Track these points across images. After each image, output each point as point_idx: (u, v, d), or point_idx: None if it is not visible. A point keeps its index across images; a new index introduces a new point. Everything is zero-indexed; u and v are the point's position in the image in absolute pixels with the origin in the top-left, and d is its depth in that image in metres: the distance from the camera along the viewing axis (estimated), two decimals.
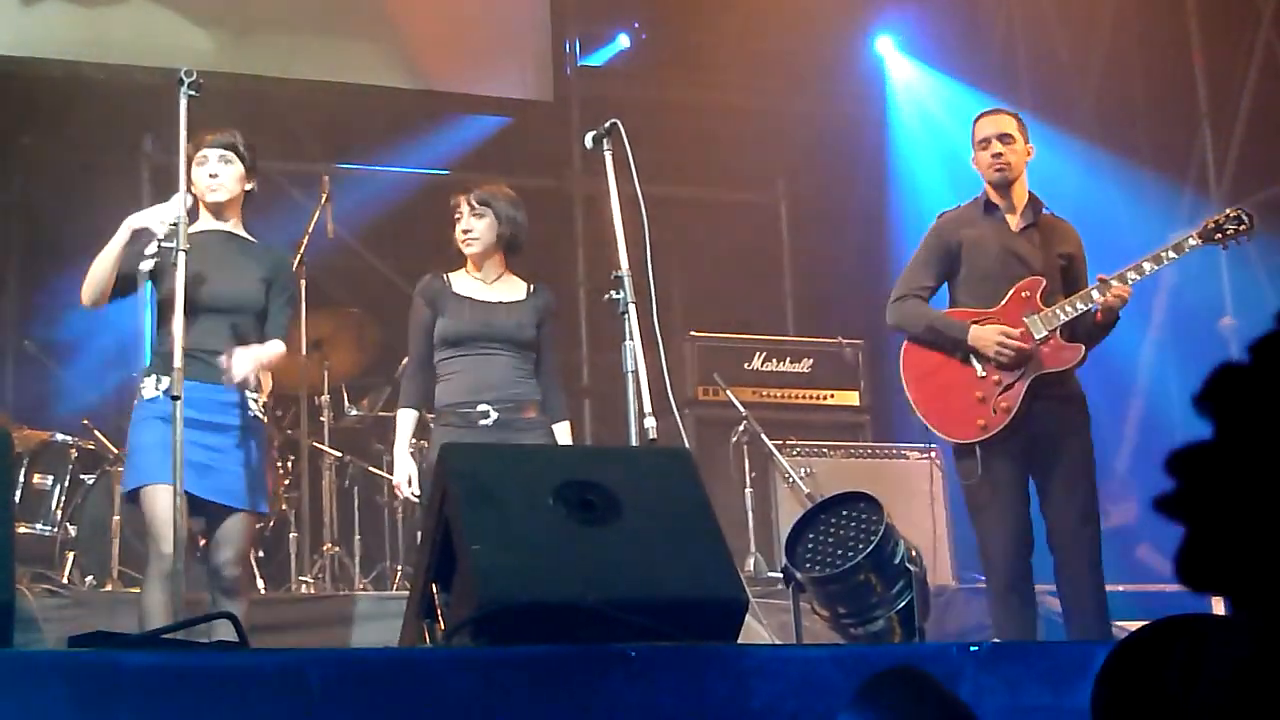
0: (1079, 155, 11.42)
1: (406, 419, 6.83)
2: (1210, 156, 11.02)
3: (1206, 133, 11.12)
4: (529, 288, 6.93)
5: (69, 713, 3.10)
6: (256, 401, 6.23)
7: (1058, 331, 6.71)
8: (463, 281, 6.88)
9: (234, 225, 6.45)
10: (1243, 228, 6.75)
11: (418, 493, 6.58)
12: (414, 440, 6.87)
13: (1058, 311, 6.70)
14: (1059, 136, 10.98)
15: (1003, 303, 6.80)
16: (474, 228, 6.83)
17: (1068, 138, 11.48)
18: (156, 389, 6.08)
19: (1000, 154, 6.89)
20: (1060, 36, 12.21)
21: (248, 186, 6.45)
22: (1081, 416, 6.88)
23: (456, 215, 6.87)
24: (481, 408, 6.62)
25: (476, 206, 6.83)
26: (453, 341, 6.74)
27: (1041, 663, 3.95)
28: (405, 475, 6.71)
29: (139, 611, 5.97)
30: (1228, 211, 6.85)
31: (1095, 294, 6.67)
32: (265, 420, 6.38)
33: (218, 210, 6.38)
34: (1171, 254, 6.71)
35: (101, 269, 6.22)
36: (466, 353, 6.73)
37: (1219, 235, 6.76)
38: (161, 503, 5.88)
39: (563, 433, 6.83)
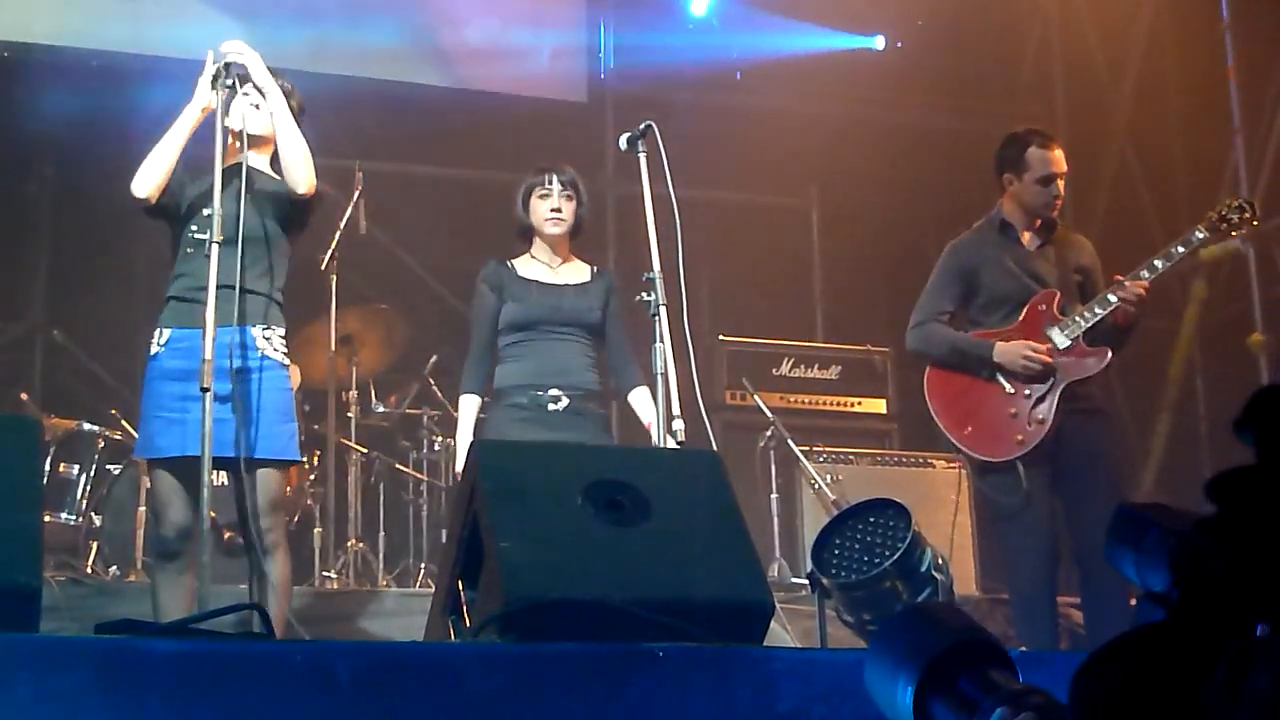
0: (1112, 167, 11.41)
1: (469, 404, 6.76)
2: (1243, 169, 10.97)
3: (1239, 146, 11.07)
4: (592, 269, 6.91)
5: (96, 699, 3.10)
6: (269, 340, 5.90)
7: (1080, 339, 6.72)
8: (528, 266, 6.84)
9: (261, 161, 6.16)
10: (1245, 215, 6.83)
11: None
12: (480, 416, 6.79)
13: (1077, 319, 6.72)
14: (1091, 149, 10.97)
15: (1021, 319, 6.81)
16: (564, 208, 6.79)
17: (1100, 145, 11.47)
18: (159, 344, 5.91)
19: (1060, 194, 6.91)
20: (1095, 48, 12.19)
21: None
22: (1110, 430, 6.91)
23: (542, 193, 6.79)
24: (553, 392, 6.57)
25: (567, 187, 6.80)
26: (522, 325, 6.68)
27: (1067, 671, 3.93)
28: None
29: (151, 596, 5.94)
30: (1228, 201, 6.90)
31: (1112, 296, 6.69)
32: (284, 360, 5.96)
33: (252, 143, 6.10)
34: (1180, 249, 6.78)
35: (164, 156, 5.95)
36: (536, 336, 6.67)
37: (1224, 225, 6.82)
38: (162, 482, 5.82)
39: (642, 396, 6.71)
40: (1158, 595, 1.78)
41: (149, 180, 5.94)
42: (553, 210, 6.77)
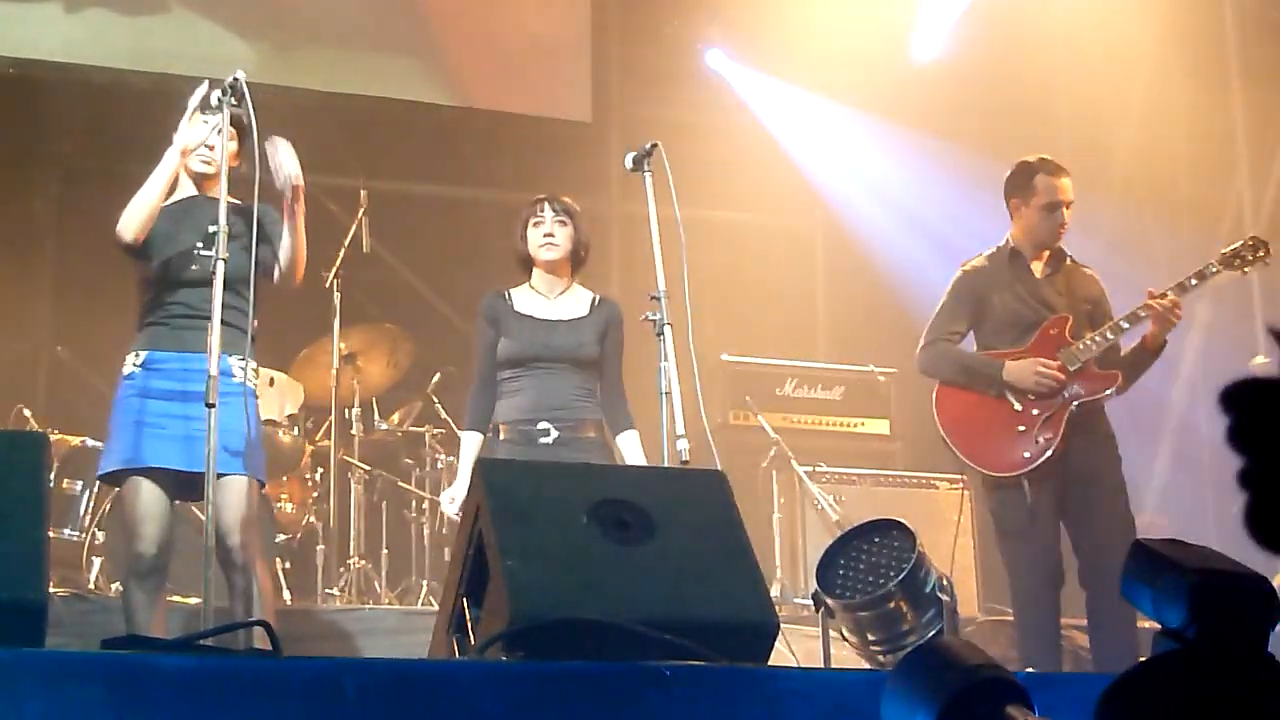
0: (1117, 196, 11.40)
1: (470, 441, 6.75)
2: (1247, 195, 10.99)
3: (1244, 174, 11.09)
4: (593, 301, 6.85)
5: (105, 714, 3.10)
6: (244, 370, 5.95)
7: (1091, 362, 6.77)
8: (525, 299, 6.81)
9: (214, 193, 6.11)
10: (1260, 254, 6.94)
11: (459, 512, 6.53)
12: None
13: (1088, 343, 6.79)
14: (1096, 177, 10.97)
15: (1032, 341, 6.86)
16: (556, 233, 6.75)
17: (1105, 171, 11.46)
18: (134, 364, 5.98)
19: (1065, 222, 6.97)
20: (1100, 75, 12.19)
21: (235, 164, 6.14)
22: (1114, 455, 6.94)
23: (535, 220, 6.77)
24: (542, 425, 6.56)
25: (560, 213, 6.77)
26: (514, 361, 6.67)
27: (1078, 692, 3.93)
28: (451, 494, 6.70)
29: (124, 613, 5.95)
30: (1245, 240, 7.01)
31: (1124, 323, 6.77)
32: (254, 388, 6.08)
33: (199, 182, 6.19)
34: (1194, 281, 6.84)
35: (150, 199, 6.03)
36: (527, 372, 6.66)
37: (1238, 261, 6.91)
38: (142, 496, 5.85)
39: (630, 441, 6.71)
40: (1174, 631, 1.81)
41: (135, 224, 6.02)
42: (545, 236, 6.75)
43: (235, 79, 5.95)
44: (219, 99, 5.97)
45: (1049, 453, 6.68)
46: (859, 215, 12.12)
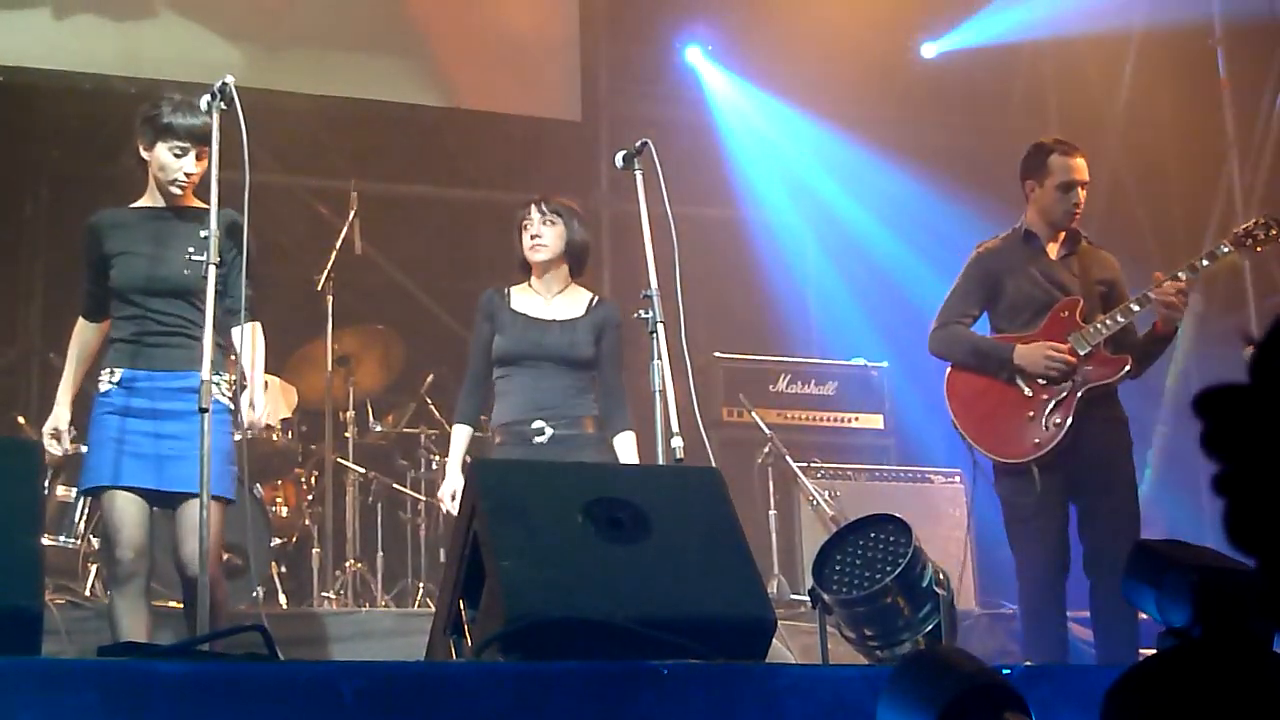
0: (1105, 188, 11.40)
1: (460, 434, 6.81)
2: (1237, 183, 10.99)
3: (1233, 158, 11.09)
4: (591, 301, 6.85)
5: None
6: (218, 386, 5.86)
7: (1101, 346, 6.74)
8: (521, 297, 6.83)
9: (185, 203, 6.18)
10: (1273, 232, 6.87)
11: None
12: (467, 458, 6.80)
13: (1099, 326, 6.75)
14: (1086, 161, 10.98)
15: (1043, 324, 6.83)
16: (544, 234, 6.76)
17: (1094, 161, 11.47)
18: (110, 381, 6.00)
19: (1080, 202, 6.94)
20: (1088, 62, 12.19)
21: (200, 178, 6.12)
22: (1127, 440, 6.91)
23: (525, 223, 6.78)
24: (536, 424, 6.57)
25: (548, 214, 6.77)
26: (506, 359, 6.70)
27: (1075, 686, 3.93)
28: (450, 490, 6.67)
29: (109, 622, 5.94)
30: (1256, 219, 6.96)
31: (1135, 305, 6.73)
32: (229, 403, 6.03)
33: (170, 199, 6.15)
34: (1205, 262, 6.81)
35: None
36: (519, 371, 6.68)
37: (1249, 241, 6.88)
38: (118, 504, 5.85)
39: (625, 444, 6.71)
40: (1179, 631, 1.81)
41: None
42: (533, 238, 6.76)
43: (224, 83, 5.92)
44: (209, 103, 5.95)
45: (1059, 439, 6.66)
46: (850, 211, 12.11)
